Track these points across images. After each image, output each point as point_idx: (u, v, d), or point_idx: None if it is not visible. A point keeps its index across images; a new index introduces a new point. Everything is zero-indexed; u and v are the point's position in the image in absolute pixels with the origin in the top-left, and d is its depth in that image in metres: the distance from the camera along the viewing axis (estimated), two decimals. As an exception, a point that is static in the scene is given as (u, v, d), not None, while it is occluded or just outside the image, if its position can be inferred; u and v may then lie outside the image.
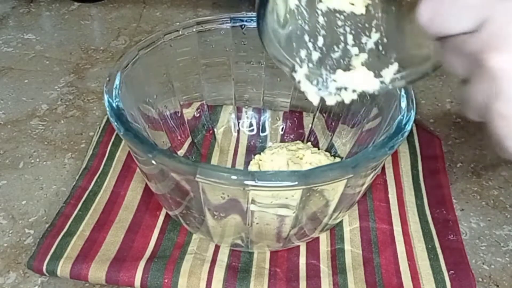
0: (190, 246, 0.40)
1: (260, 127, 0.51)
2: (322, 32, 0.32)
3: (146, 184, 0.44)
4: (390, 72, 0.32)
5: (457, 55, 0.26)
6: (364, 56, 0.32)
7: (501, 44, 0.23)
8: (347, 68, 0.33)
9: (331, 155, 0.45)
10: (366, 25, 0.32)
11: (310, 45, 0.32)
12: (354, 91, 0.32)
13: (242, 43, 0.46)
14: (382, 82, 0.32)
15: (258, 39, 0.30)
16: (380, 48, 0.32)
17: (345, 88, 0.32)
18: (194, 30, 0.44)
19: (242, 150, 0.50)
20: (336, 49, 0.33)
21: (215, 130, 0.51)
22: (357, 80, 0.32)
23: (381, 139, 0.33)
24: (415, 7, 0.26)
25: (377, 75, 0.32)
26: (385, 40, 0.32)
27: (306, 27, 0.32)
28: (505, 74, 0.23)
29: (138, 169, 0.46)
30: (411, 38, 0.32)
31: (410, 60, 0.32)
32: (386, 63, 0.32)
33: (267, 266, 0.39)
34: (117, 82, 0.36)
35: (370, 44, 0.32)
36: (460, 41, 0.25)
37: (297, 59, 0.32)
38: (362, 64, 0.32)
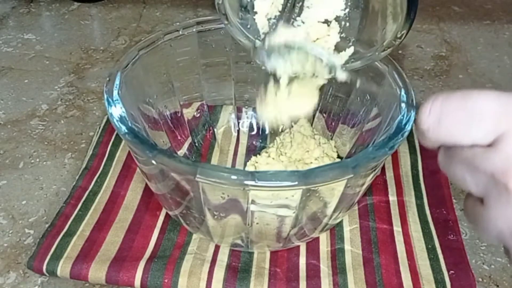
0: (190, 246, 0.40)
1: (260, 127, 0.51)
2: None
3: (146, 184, 0.44)
4: (346, 54, 0.34)
5: (469, 170, 0.22)
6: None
7: None
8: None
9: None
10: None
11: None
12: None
13: (242, 43, 0.46)
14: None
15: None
16: (341, 31, 0.34)
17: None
18: (194, 30, 0.44)
19: (242, 150, 0.50)
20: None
21: (215, 130, 0.51)
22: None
23: (381, 139, 0.33)
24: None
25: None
26: (347, 24, 0.34)
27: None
28: None
29: (138, 169, 0.46)
30: (371, 24, 0.33)
31: (367, 43, 0.33)
32: (344, 47, 0.34)
33: (267, 266, 0.39)
34: (117, 82, 0.36)
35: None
36: (472, 155, 0.22)
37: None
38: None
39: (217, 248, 0.40)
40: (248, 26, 0.35)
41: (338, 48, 0.34)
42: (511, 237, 0.21)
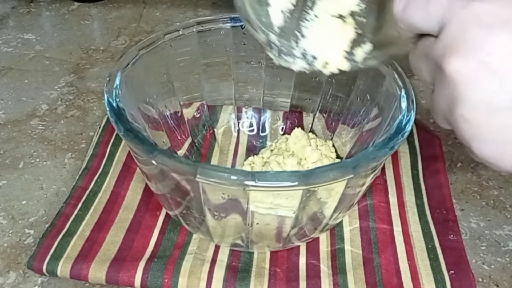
0: (190, 246, 0.40)
1: (260, 127, 0.51)
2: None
3: (146, 184, 0.44)
4: (362, 51, 0.33)
5: (424, 61, 0.26)
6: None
7: (459, 48, 0.23)
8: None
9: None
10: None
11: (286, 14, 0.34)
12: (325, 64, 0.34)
13: (242, 43, 0.46)
14: (353, 60, 0.34)
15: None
16: (357, 27, 0.33)
17: (314, 57, 0.34)
18: (194, 30, 0.44)
19: (242, 150, 0.50)
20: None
21: (215, 130, 0.51)
22: (327, 53, 0.34)
23: (381, 139, 0.33)
24: None
25: (349, 53, 0.34)
26: (364, 20, 0.33)
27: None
28: (462, 78, 0.23)
29: (138, 169, 0.46)
30: (389, 21, 0.33)
31: (384, 41, 0.33)
32: (360, 42, 0.33)
33: (267, 266, 0.39)
34: (117, 82, 0.36)
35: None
36: (427, 46, 0.25)
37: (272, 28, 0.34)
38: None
39: (217, 248, 0.40)
40: (263, 19, 0.35)
41: (354, 45, 0.34)
42: (449, 113, 0.24)
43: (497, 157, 0.24)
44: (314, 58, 0.34)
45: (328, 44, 0.34)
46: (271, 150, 0.45)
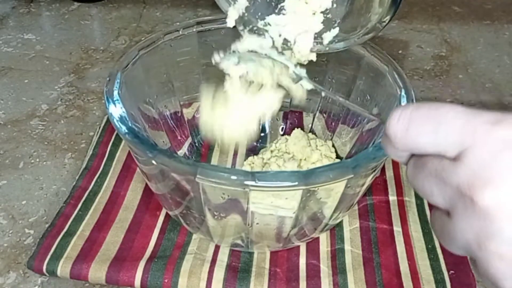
0: (190, 246, 0.40)
1: (260, 127, 0.51)
2: None
3: (146, 184, 0.44)
4: (330, 35, 0.35)
5: (436, 183, 0.23)
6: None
7: (491, 178, 0.20)
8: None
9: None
10: None
11: None
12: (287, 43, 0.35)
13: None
14: (320, 43, 0.35)
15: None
16: (327, 12, 0.35)
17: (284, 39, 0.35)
18: (194, 30, 0.44)
19: (242, 150, 0.50)
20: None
21: (215, 130, 0.51)
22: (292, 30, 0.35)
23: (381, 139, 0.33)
24: None
25: (318, 37, 0.35)
26: (334, 5, 0.34)
27: None
28: (502, 213, 0.20)
29: (138, 169, 0.46)
30: (357, 7, 0.34)
31: (352, 26, 0.34)
32: (329, 27, 0.35)
33: (267, 266, 0.39)
34: (117, 82, 0.36)
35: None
36: (440, 168, 0.22)
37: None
38: None
39: (217, 248, 0.40)
40: None
41: (323, 29, 0.35)
42: (477, 248, 0.21)
43: None
44: (286, 40, 0.35)
45: (299, 28, 0.35)
46: (271, 151, 0.45)
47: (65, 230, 0.40)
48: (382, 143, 0.24)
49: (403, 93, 0.37)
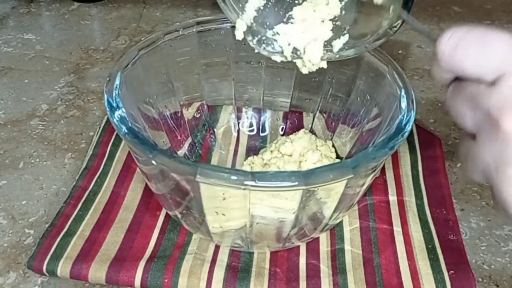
0: (190, 246, 0.40)
1: (260, 127, 0.51)
2: None
3: (146, 184, 0.44)
4: (340, 42, 0.34)
5: (470, 106, 0.24)
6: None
7: None
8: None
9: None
10: None
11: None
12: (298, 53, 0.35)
13: (242, 43, 0.46)
14: (330, 51, 0.35)
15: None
16: (336, 19, 0.34)
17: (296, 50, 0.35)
18: (194, 30, 0.44)
19: (242, 150, 0.50)
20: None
21: (215, 130, 0.51)
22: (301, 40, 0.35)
23: (381, 139, 0.33)
24: None
25: (328, 45, 0.35)
26: (343, 12, 0.34)
27: None
28: None
29: (138, 169, 0.46)
30: (367, 13, 0.34)
31: (362, 32, 0.34)
32: (339, 34, 0.34)
33: (267, 266, 0.39)
34: (117, 82, 0.36)
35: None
36: (475, 91, 0.23)
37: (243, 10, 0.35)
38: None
39: (217, 248, 0.40)
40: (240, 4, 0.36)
41: (332, 37, 0.35)
42: (495, 172, 0.23)
43: None
44: (296, 49, 0.35)
45: (308, 36, 0.35)
46: (271, 152, 0.45)
47: (65, 230, 0.40)
48: (431, 61, 0.25)
49: (403, 93, 0.37)
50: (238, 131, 0.51)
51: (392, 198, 0.44)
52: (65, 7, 0.75)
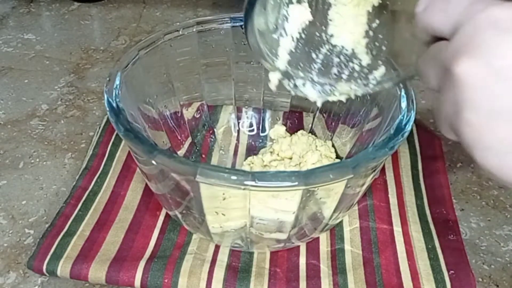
0: (190, 246, 0.40)
1: (260, 127, 0.51)
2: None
3: (146, 184, 0.44)
4: (377, 74, 0.33)
5: (433, 64, 0.25)
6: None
7: (471, 50, 0.22)
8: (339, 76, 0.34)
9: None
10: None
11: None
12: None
13: (242, 43, 0.46)
14: (368, 85, 0.33)
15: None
16: (370, 50, 0.33)
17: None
18: (194, 30, 0.44)
19: (242, 150, 0.50)
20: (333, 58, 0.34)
21: (215, 130, 0.51)
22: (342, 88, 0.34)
23: (381, 139, 0.33)
24: (406, 16, 0.27)
25: (365, 78, 0.33)
26: (375, 43, 0.33)
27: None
28: (470, 81, 0.22)
29: (138, 169, 0.46)
30: (400, 43, 0.33)
31: (397, 62, 0.33)
32: (375, 67, 0.33)
33: (267, 266, 0.39)
34: (117, 82, 0.36)
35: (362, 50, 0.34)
36: (438, 49, 0.24)
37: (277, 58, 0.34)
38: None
39: (217, 248, 0.40)
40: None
41: (369, 70, 0.34)
42: (455, 120, 0.23)
43: (498, 168, 0.23)
44: (333, 87, 0.34)
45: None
46: (271, 153, 0.45)
47: (65, 230, 0.40)
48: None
49: (403, 93, 0.37)
50: (238, 131, 0.51)
51: (392, 198, 0.44)
52: (65, 7, 0.75)
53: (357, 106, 0.44)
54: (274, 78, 0.34)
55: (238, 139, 0.51)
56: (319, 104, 0.34)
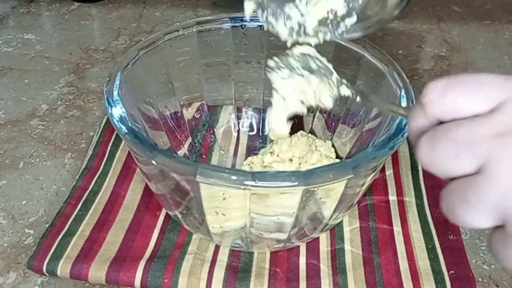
0: (190, 246, 0.40)
1: (260, 127, 0.51)
2: None
3: (146, 184, 0.44)
4: (348, 23, 0.34)
5: (463, 145, 0.22)
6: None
7: None
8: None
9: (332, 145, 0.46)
10: None
11: None
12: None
13: (242, 43, 0.46)
14: (338, 32, 0.34)
15: (258, 39, 0.31)
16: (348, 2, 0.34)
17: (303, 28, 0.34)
18: (194, 30, 0.44)
19: (242, 150, 0.50)
20: None
21: (215, 130, 0.51)
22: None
23: (381, 139, 0.33)
24: None
25: (336, 25, 0.34)
26: None
27: None
28: None
29: (138, 169, 0.46)
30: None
31: (367, 13, 0.34)
32: (348, 15, 0.34)
33: (267, 266, 0.39)
34: (117, 82, 0.36)
35: None
36: (470, 125, 0.22)
37: None
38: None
39: (217, 248, 0.40)
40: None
41: (341, 18, 0.34)
42: None
43: None
44: (304, 27, 0.35)
45: (317, 15, 0.34)
46: (271, 153, 0.45)
47: (65, 230, 0.40)
48: (410, 114, 0.24)
49: (403, 93, 0.37)
50: (238, 131, 0.51)
51: (392, 198, 0.44)
52: (65, 7, 0.75)
53: (357, 106, 0.44)
54: (249, 7, 0.35)
55: (238, 139, 0.51)
56: (288, 45, 0.35)
